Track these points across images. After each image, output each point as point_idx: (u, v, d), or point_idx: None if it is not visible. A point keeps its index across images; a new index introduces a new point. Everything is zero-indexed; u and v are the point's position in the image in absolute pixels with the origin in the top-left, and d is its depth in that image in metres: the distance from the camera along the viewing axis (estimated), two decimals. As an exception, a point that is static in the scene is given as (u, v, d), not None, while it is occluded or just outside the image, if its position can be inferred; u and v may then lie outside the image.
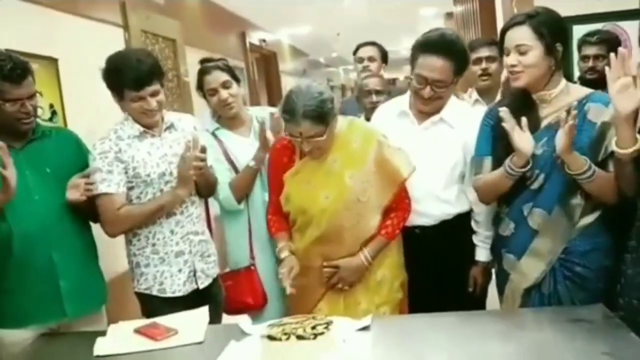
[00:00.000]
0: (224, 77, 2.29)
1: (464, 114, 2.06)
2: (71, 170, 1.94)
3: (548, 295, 1.78)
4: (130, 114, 2.00)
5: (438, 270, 2.04)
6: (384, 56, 3.47)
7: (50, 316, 1.89)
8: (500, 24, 4.25)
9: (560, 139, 1.63)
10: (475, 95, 2.64)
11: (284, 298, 2.11)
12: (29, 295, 1.84)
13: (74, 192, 1.86)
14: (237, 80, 2.35)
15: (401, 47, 12.20)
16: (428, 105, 2.00)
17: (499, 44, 1.82)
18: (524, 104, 1.81)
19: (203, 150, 1.96)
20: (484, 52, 2.60)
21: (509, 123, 1.71)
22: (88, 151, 2.02)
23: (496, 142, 1.85)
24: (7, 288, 1.83)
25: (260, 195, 2.29)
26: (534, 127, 1.74)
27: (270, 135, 2.19)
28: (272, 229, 2.05)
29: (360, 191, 1.89)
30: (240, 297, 2.28)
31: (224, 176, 2.25)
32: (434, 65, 1.92)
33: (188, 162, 1.94)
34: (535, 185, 1.77)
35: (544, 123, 1.78)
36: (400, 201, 1.97)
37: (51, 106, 2.75)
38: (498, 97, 2.48)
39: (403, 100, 2.13)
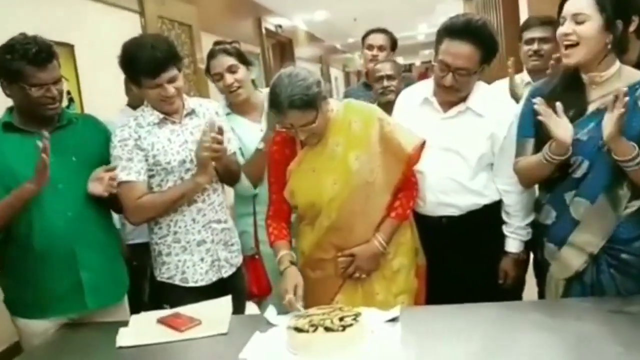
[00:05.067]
0: (230, 61, 2.23)
1: (493, 102, 1.98)
2: (97, 160, 1.90)
3: (590, 285, 1.71)
4: (148, 101, 1.96)
5: (465, 261, 1.97)
6: (394, 44, 3.38)
7: (71, 307, 1.87)
8: (523, 8, 4.13)
9: (608, 125, 1.54)
10: (526, 77, 2.50)
11: None
12: (50, 285, 1.82)
13: (97, 186, 1.82)
14: (247, 63, 2.29)
15: (417, 32, 12.09)
16: (448, 94, 1.93)
17: (557, 15, 1.73)
18: (572, 85, 1.72)
19: (220, 132, 1.89)
20: (537, 33, 2.44)
21: (544, 113, 1.62)
22: None
23: (540, 124, 1.76)
24: (29, 278, 1.82)
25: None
26: (580, 112, 1.65)
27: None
28: (270, 237, 1.96)
29: (368, 172, 1.83)
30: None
31: None
32: (459, 51, 1.83)
33: (204, 146, 1.88)
34: (578, 174, 1.69)
35: (591, 108, 1.68)
36: (406, 180, 1.90)
37: (68, 93, 2.73)
38: None
39: (426, 87, 2.04)
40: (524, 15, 4.00)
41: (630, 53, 1.76)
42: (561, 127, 1.62)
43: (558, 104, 1.63)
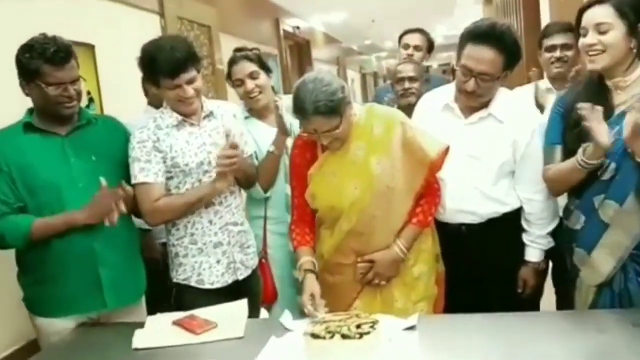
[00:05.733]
0: (251, 67, 2.25)
1: (515, 109, 1.95)
2: (117, 160, 1.91)
3: (619, 293, 1.68)
4: (168, 103, 1.96)
5: (484, 269, 1.95)
6: (430, 46, 3.36)
7: (90, 306, 1.88)
8: (544, 10, 4.07)
9: (627, 127, 1.53)
10: (547, 83, 2.46)
11: (296, 292, 2.05)
12: (69, 284, 1.83)
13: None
14: (267, 70, 2.30)
15: (435, 34, 12.03)
16: (470, 99, 1.90)
17: (576, 25, 1.72)
18: (597, 90, 1.70)
19: (234, 146, 1.89)
20: (559, 40, 2.39)
21: (590, 117, 1.59)
22: None
23: (566, 131, 1.75)
24: (48, 276, 1.83)
25: (282, 187, 2.24)
26: (606, 116, 1.63)
27: (288, 118, 2.11)
28: (293, 242, 1.95)
29: (389, 177, 1.81)
30: None
31: None
32: (482, 56, 1.81)
33: (221, 156, 1.88)
34: (606, 176, 1.67)
35: (617, 111, 1.67)
36: (429, 186, 1.88)
37: (88, 93, 2.75)
38: None
39: (447, 92, 2.02)
40: (545, 20, 3.94)
41: None
42: (603, 131, 1.60)
43: (599, 108, 1.60)
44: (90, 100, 2.77)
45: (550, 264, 2.18)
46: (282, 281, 2.30)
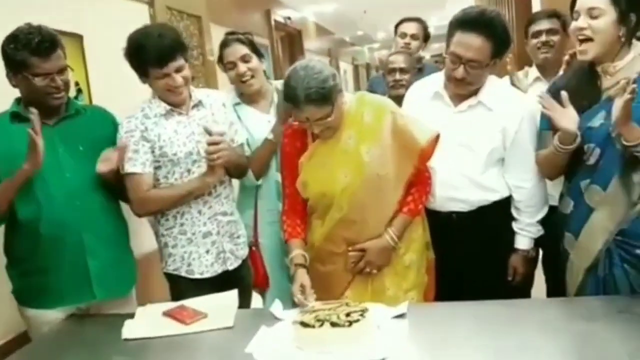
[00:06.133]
0: (244, 50, 2.23)
1: (504, 97, 1.95)
2: (105, 149, 1.90)
3: (603, 278, 1.70)
4: (156, 92, 1.95)
5: (474, 257, 1.95)
6: (426, 35, 3.34)
7: (79, 297, 1.87)
8: (535, 2, 4.07)
9: (616, 111, 1.55)
10: (535, 72, 2.47)
11: (289, 279, 2.04)
12: (58, 275, 1.82)
13: (107, 164, 1.83)
14: (259, 54, 2.28)
15: (428, 25, 12.03)
16: (459, 87, 1.90)
17: (570, 9, 1.73)
18: (587, 75, 1.72)
19: (217, 141, 1.87)
20: (544, 25, 2.41)
21: (548, 106, 1.66)
22: None
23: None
24: (36, 267, 1.82)
25: (273, 175, 2.25)
26: (593, 100, 1.67)
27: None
28: (284, 234, 1.95)
29: (379, 165, 1.81)
30: None
31: None
32: (471, 43, 1.81)
33: (208, 150, 1.87)
34: (591, 161, 1.69)
35: (603, 96, 1.68)
36: (419, 174, 1.88)
37: (77, 84, 2.72)
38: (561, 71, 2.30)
39: (437, 80, 2.02)
40: (536, 7, 3.94)
41: None
42: (565, 117, 1.66)
43: (563, 93, 1.66)
44: (79, 91, 2.75)
45: (541, 252, 2.19)
46: (274, 268, 2.31)
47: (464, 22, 1.84)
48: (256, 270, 2.29)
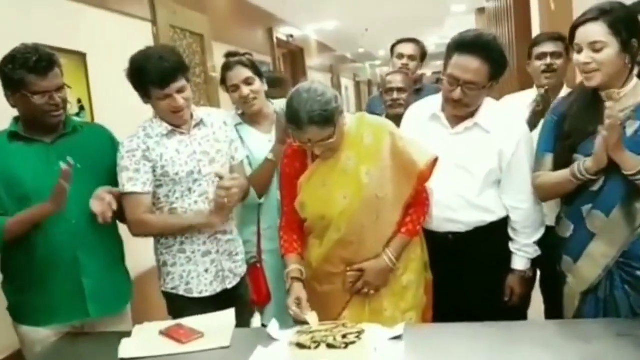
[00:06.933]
0: (247, 73, 2.26)
1: (501, 119, 1.96)
2: (103, 168, 1.91)
3: (604, 299, 1.70)
4: (158, 113, 1.96)
5: (471, 278, 1.95)
6: (424, 55, 3.38)
7: (73, 315, 1.87)
8: (535, 20, 4.11)
9: (605, 139, 1.56)
10: (535, 94, 2.44)
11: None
12: (52, 293, 1.83)
13: (97, 205, 1.82)
14: (261, 76, 2.31)
15: (429, 43, 12.12)
16: (456, 109, 1.92)
17: (569, 41, 1.75)
18: (590, 101, 1.73)
19: (226, 187, 1.89)
20: (549, 48, 2.41)
21: (613, 129, 1.58)
22: None
23: (558, 141, 1.78)
24: (31, 285, 1.83)
25: (275, 193, 2.25)
26: (597, 126, 1.65)
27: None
28: (281, 249, 1.96)
29: (378, 187, 1.81)
30: None
31: None
32: (468, 65, 1.84)
33: (220, 188, 1.89)
34: (595, 187, 1.69)
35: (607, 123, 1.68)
36: (418, 196, 1.89)
37: (79, 101, 2.74)
38: (562, 93, 2.30)
39: (435, 102, 2.04)
40: (535, 29, 3.99)
41: None
42: (620, 148, 1.60)
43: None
44: (81, 108, 2.77)
45: (539, 273, 2.19)
46: (276, 285, 2.30)
47: (462, 45, 1.86)
48: (259, 287, 2.29)
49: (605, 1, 1.70)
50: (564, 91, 2.32)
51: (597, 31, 1.64)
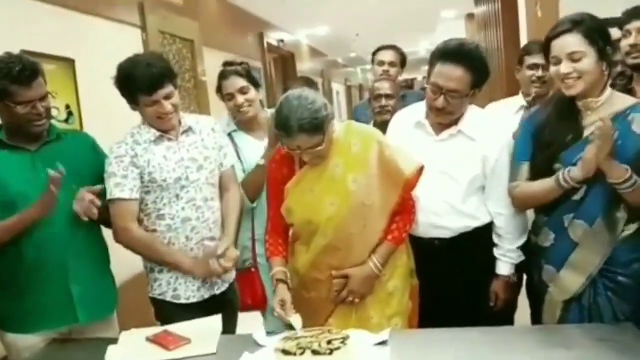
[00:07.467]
0: (241, 82, 2.30)
1: (484, 125, 1.99)
2: (86, 174, 1.92)
3: (588, 307, 1.72)
4: (146, 120, 1.97)
5: (456, 283, 1.97)
6: (403, 61, 3.42)
7: (62, 321, 1.87)
8: (523, 26, 4.15)
9: (595, 148, 1.58)
10: (521, 101, 2.49)
11: None
12: (40, 299, 1.82)
13: (79, 206, 1.83)
14: (256, 85, 2.36)
15: (419, 47, 12.15)
16: (440, 116, 1.95)
17: (544, 54, 1.77)
18: (567, 111, 1.75)
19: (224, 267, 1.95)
20: (542, 59, 2.29)
21: (607, 138, 1.59)
22: (104, 155, 1.99)
23: (537, 150, 1.80)
24: (19, 292, 1.82)
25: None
26: (576, 137, 1.69)
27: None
28: (266, 252, 1.98)
29: (365, 195, 1.83)
30: (240, 297, 2.27)
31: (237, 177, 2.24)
32: (451, 74, 1.86)
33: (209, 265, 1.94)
34: (576, 196, 1.71)
35: (586, 132, 1.71)
36: (404, 203, 1.90)
37: (67, 107, 2.75)
38: None
39: (419, 110, 2.06)
40: (523, 35, 4.03)
41: None
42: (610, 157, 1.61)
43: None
44: (70, 114, 2.77)
45: (525, 278, 2.21)
46: (271, 288, 2.32)
47: (444, 54, 1.88)
48: (254, 291, 2.31)
49: (574, 13, 1.72)
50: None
51: (573, 42, 1.67)
